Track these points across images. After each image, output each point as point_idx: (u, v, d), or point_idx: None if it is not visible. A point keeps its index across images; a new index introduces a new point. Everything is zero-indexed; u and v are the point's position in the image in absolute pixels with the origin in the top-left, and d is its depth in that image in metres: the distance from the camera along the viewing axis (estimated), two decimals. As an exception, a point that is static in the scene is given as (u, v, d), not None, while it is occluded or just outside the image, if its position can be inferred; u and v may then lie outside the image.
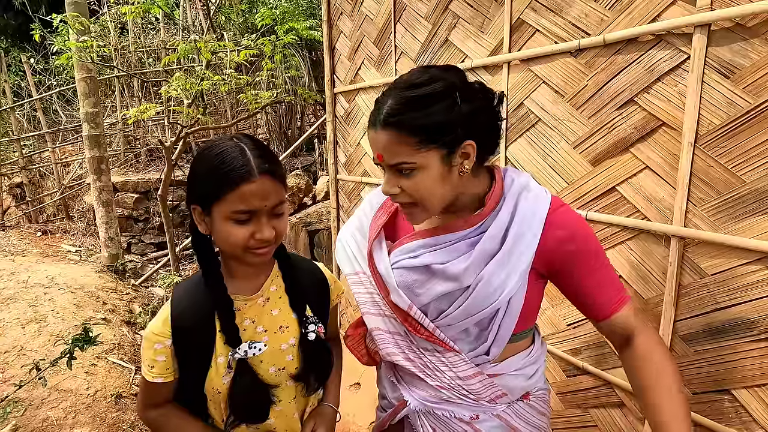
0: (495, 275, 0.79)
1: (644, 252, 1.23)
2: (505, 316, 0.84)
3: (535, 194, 0.82)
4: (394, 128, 0.75)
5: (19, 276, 3.43)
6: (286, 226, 0.85)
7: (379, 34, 2.07)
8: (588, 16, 1.27)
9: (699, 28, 1.05)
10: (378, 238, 0.93)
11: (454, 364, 0.88)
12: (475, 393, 0.89)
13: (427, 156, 0.76)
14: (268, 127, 6.65)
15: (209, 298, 0.86)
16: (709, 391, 1.13)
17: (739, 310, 1.06)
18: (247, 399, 0.85)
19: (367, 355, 1.04)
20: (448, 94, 0.75)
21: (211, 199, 0.78)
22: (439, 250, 0.85)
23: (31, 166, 6.17)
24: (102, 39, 5.11)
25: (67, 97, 7.33)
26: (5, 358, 2.52)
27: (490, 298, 0.80)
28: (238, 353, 0.84)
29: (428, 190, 0.78)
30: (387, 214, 0.96)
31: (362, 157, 2.35)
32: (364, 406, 2.31)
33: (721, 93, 1.04)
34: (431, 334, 0.87)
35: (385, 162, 0.79)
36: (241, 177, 0.76)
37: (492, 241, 0.80)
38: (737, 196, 1.04)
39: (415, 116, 0.74)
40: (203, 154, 0.81)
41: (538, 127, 1.45)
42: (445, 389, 0.89)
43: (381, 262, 0.91)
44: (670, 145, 1.15)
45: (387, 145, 0.76)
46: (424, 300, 0.86)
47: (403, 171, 0.77)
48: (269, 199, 0.79)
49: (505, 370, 0.90)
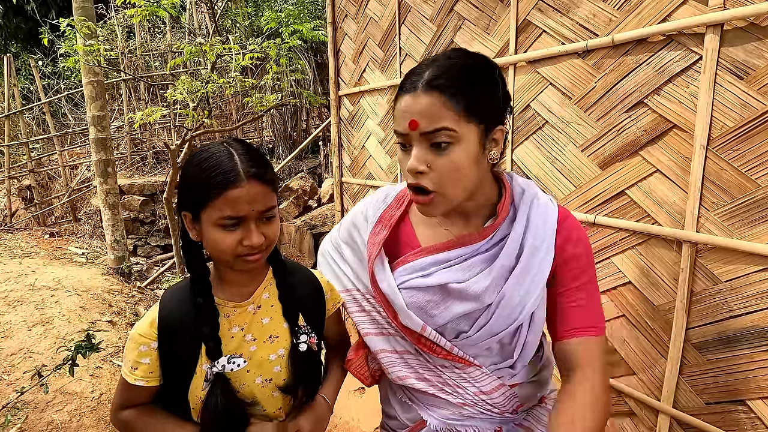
0: (516, 291, 0.76)
1: (655, 257, 1.20)
2: (530, 331, 0.81)
3: (544, 203, 0.81)
4: (441, 91, 0.69)
5: (26, 278, 3.45)
6: (277, 232, 0.83)
7: (383, 36, 2.06)
8: (596, 16, 1.25)
9: (711, 27, 1.02)
10: (379, 256, 0.86)
11: (476, 379, 0.83)
12: (499, 406, 0.85)
13: (469, 128, 0.70)
14: (273, 129, 6.67)
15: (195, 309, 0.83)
16: (723, 402, 1.10)
17: (753, 318, 1.03)
18: (219, 417, 0.81)
19: (371, 377, 0.97)
20: (491, 71, 0.73)
21: (199, 205, 0.76)
22: (454, 266, 0.79)
23: (40, 168, 6.23)
24: (109, 42, 5.15)
25: (75, 100, 7.40)
26: (12, 361, 2.54)
27: (513, 314, 0.77)
28: (216, 367, 0.81)
29: (460, 172, 0.71)
30: (387, 228, 0.88)
31: (367, 159, 2.33)
32: (368, 410, 2.29)
33: (734, 94, 1.01)
34: (449, 353, 0.81)
35: (421, 129, 0.70)
36: (227, 181, 0.74)
37: (510, 255, 0.77)
38: (751, 201, 1.01)
39: (463, 82, 0.69)
40: (192, 159, 0.79)
41: (545, 130, 1.43)
42: (468, 405, 0.84)
43: (384, 281, 0.84)
44: (681, 148, 1.12)
45: (428, 108, 0.69)
46: (440, 321, 0.80)
47: (438, 142, 0.70)
48: (257, 204, 0.76)
49: (524, 378, 0.87)
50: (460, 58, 0.74)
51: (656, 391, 1.23)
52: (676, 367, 1.17)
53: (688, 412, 1.16)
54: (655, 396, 1.24)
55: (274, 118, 6.48)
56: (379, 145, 2.21)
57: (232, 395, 0.83)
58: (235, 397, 0.83)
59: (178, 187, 0.82)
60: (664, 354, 1.20)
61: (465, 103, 0.69)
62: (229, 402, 0.82)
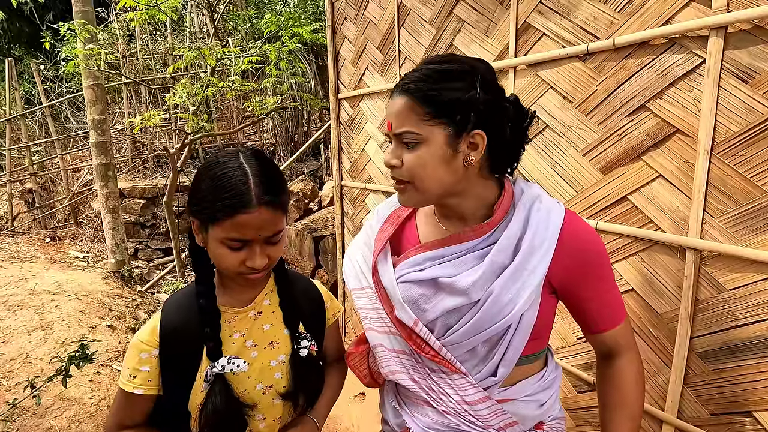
0: (506, 289, 0.76)
1: (658, 264, 1.18)
2: (516, 334, 0.80)
3: (547, 206, 0.80)
4: (409, 95, 0.75)
5: (27, 283, 3.44)
6: (281, 253, 0.83)
7: (383, 40, 2.04)
8: (597, 19, 1.23)
9: (715, 30, 1.00)
10: (383, 250, 0.90)
11: (460, 387, 0.84)
12: (482, 420, 0.84)
13: (433, 131, 0.75)
14: (274, 132, 6.66)
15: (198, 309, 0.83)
16: (728, 413, 1.07)
17: (760, 328, 1.00)
18: (216, 419, 0.80)
19: (369, 376, 0.99)
20: (467, 75, 0.75)
21: (208, 220, 0.76)
22: (447, 262, 0.82)
23: (42, 172, 6.25)
24: (110, 46, 5.16)
25: (77, 103, 7.42)
26: (11, 366, 2.53)
27: (501, 313, 0.77)
28: (216, 367, 0.81)
29: (426, 169, 0.76)
30: (394, 225, 0.93)
31: (366, 163, 2.31)
32: (368, 417, 2.27)
33: (738, 98, 0.99)
34: (437, 354, 0.83)
35: (392, 130, 0.78)
36: (237, 205, 0.73)
37: (503, 253, 0.78)
38: (757, 207, 0.98)
39: (431, 87, 0.74)
40: (206, 169, 0.78)
41: (545, 134, 1.41)
42: (451, 415, 0.84)
43: (385, 275, 0.87)
44: (684, 153, 1.09)
45: (398, 111, 0.76)
46: (431, 316, 0.82)
47: (407, 143, 0.76)
48: (265, 231, 0.76)
49: (516, 395, 0.85)
50: (442, 63, 0.77)
51: (660, 400, 1.21)
52: (681, 376, 1.14)
53: (692, 422, 1.14)
54: (658, 406, 1.21)
55: (275, 121, 6.47)
56: (378, 148, 2.19)
57: (232, 396, 0.82)
58: (234, 399, 0.82)
59: (189, 191, 0.81)
60: (668, 363, 1.17)
61: (430, 106, 0.74)
62: (228, 403, 0.81)
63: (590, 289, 0.80)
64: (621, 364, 0.84)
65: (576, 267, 0.78)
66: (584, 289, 0.80)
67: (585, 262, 0.79)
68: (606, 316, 0.82)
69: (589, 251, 0.79)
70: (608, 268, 0.82)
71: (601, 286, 0.81)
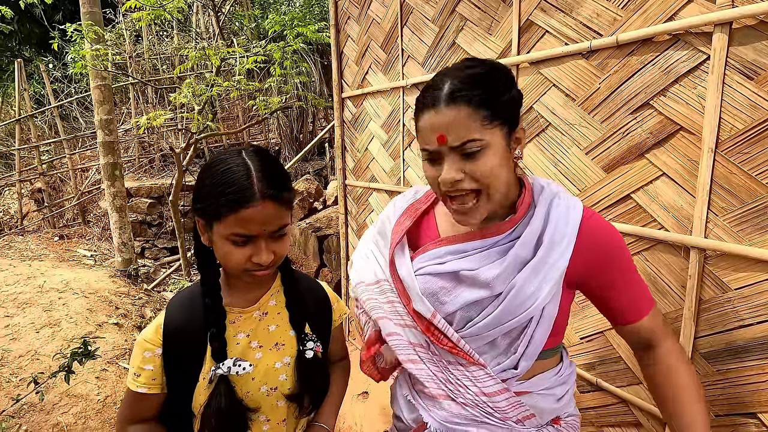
0: (528, 282, 0.78)
1: (661, 264, 1.16)
2: (538, 327, 0.81)
3: (567, 203, 0.82)
4: (463, 103, 0.72)
5: (35, 280, 3.49)
6: (286, 249, 0.83)
7: (386, 38, 2.04)
8: (600, 15, 1.22)
9: (719, 26, 0.98)
10: (401, 242, 0.91)
11: (478, 379, 0.84)
12: (501, 411, 0.84)
13: (494, 133, 0.74)
14: (279, 131, 6.68)
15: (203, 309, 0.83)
16: (733, 414, 1.06)
17: (764, 328, 0.99)
18: (218, 421, 0.80)
19: (378, 373, 1.00)
20: (502, 74, 0.77)
21: (211, 217, 0.76)
22: (469, 256, 0.82)
23: (51, 171, 6.32)
24: (117, 47, 5.20)
25: (86, 104, 7.50)
26: (19, 363, 2.56)
27: (523, 305, 0.78)
28: (220, 369, 0.80)
29: (494, 172, 0.75)
30: (412, 218, 0.93)
31: (370, 162, 2.31)
32: (371, 416, 2.27)
33: (743, 95, 0.97)
34: (455, 345, 0.83)
35: (450, 143, 0.74)
36: (240, 200, 0.73)
37: (525, 247, 0.79)
38: (762, 206, 0.97)
39: (483, 90, 0.73)
40: (209, 168, 0.79)
41: (548, 132, 1.40)
42: (469, 406, 0.85)
43: (403, 267, 0.88)
44: (688, 151, 1.08)
45: (454, 122, 0.73)
46: (450, 309, 0.83)
47: (469, 152, 0.74)
48: (270, 225, 0.76)
49: (534, 388, 0.85)
50: (475, 66, 0.76)
51: (664, 401, 1.19)
52: (684, 377, 1.13)
53: (696, 423, 1.12)
54: (662, 406, 1.20)
55: (280, 120, 6.49)
56: (382, 147, 2.19)
57: (235, 397, 0.82)
58: (237, 400, 0.82)
59: (192, 191, 0.81)
60: (671, 363, 1.16)
61: (488, 110, 0.73)
62: (231, 405, 0.81)
63: (613, 281, 0.81)
64: (661, 355, 0.83)
65: (596, 261, 0.80)
66: (607, 281, 0.81)
67: (605, 255, 0.80)
68: (632, 306, 0.82)
69: (609, 245, 0.80)
70: (629, 260, 0.82)
71: (623, 277, 0.81)
